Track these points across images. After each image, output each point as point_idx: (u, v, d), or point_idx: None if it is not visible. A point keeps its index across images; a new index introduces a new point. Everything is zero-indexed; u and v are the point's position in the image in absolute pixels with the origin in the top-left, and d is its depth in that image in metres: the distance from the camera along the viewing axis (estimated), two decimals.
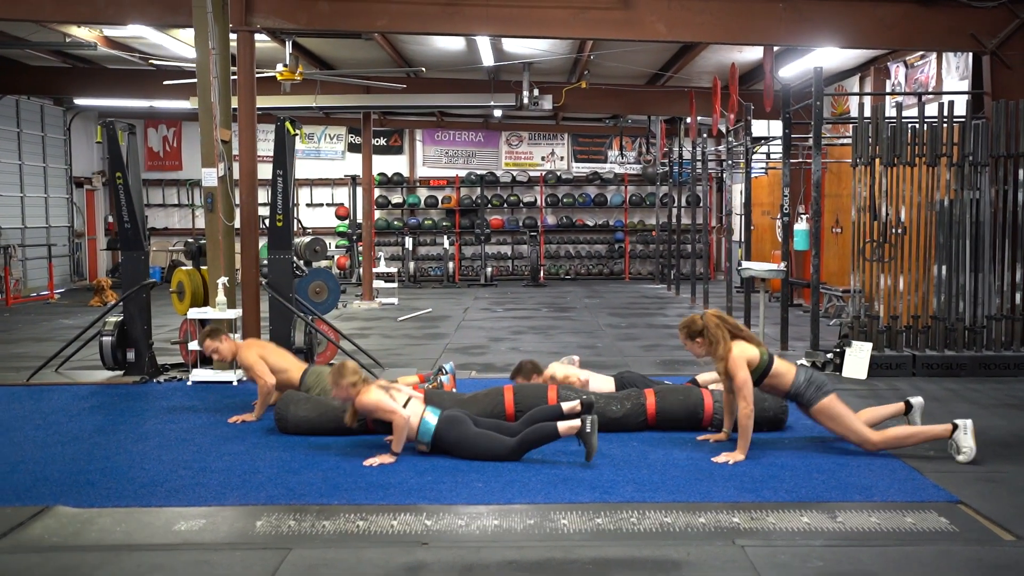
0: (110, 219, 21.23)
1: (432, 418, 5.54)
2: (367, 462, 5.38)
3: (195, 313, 8.09)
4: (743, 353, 5.46)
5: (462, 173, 21.38)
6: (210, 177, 7.96)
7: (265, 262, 8.71)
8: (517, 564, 3.89)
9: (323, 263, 12.84)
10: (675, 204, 17.52)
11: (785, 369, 5.58)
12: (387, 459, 5.42)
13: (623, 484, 4.98)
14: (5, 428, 6.40)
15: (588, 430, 5.32)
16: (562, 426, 5.37)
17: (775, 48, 11.71)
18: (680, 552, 4.01)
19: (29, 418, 6.71)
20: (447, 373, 7.10)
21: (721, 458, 5.41)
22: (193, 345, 8.03)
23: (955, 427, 5.44)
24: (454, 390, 6.87)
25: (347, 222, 19.84)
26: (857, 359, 8.15)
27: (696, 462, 5.41)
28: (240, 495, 4.85)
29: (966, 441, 5.39)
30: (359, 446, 5.78)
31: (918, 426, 5.67)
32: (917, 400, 5.85)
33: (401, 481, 5.05)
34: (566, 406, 5.62)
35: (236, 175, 8.51)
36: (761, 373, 5.53)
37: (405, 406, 5.54)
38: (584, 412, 5.46)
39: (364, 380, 5.59)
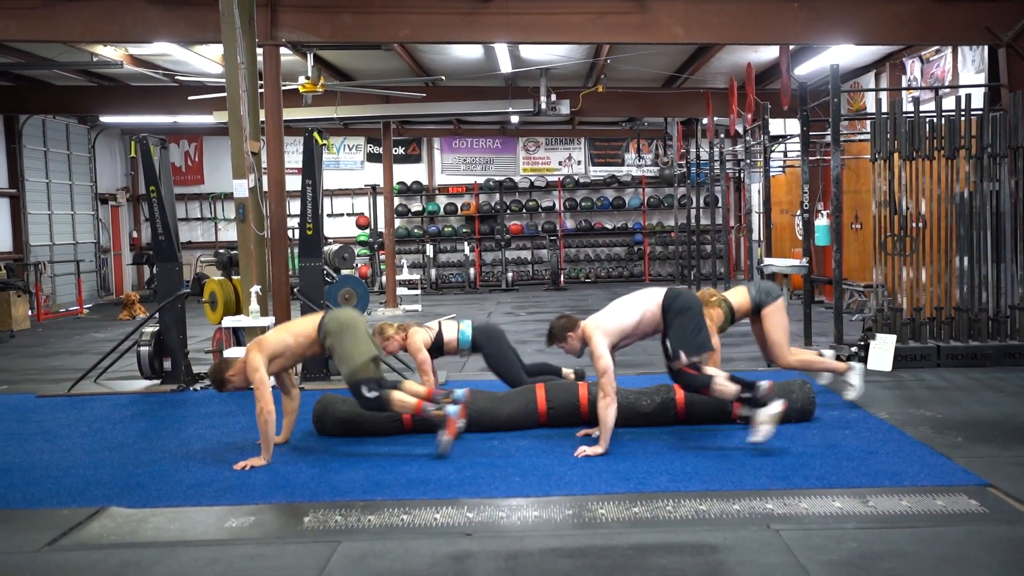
0: (134, 234, 21.59)
1: (467, 327, 7.05)
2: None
3: (229, 321, 8.27)
4: (712, 317, 6.61)
5: (480, 180, 21.57)
6: (241, 188, 8.14)
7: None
8: (559, 551, 4.02)
9: (345, 272, 13.04)
10: (693, 205, 17.62)
11: (741, 297, 6.89)
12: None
13: (657, 475, 5.10)
14: (53, 436, 6.59)
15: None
16: (565, 371, 7.34)
17: (791, 47, 11.81)
18: (717, 537, 4.13)
19: (74, 426, 6.90)
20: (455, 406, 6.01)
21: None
22: (227, 353, 8.21)
23: (850, 369, 6.81)
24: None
25: (368, 231, 20.05)
26: (882, 351, 8.23)
27: (727, 453, 5.53)
28: (286, 493, 5.01)
29: (854, 379, 6.76)
30: (397, 444, 5.95)
31: (824, 358, 7.04)
32: (858, 366, 6.91)
33: (441, 477, 5.19)
34: (564, 370, 7.28)
35: (265, 186, 8.70)
36: (731, 319, 6.90)
37: (440, 330, 7.04)
38: (579, 377, 7.13)
39: (402, 328, 6.98)
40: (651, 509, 4.54)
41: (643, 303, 5.83)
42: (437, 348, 7.05)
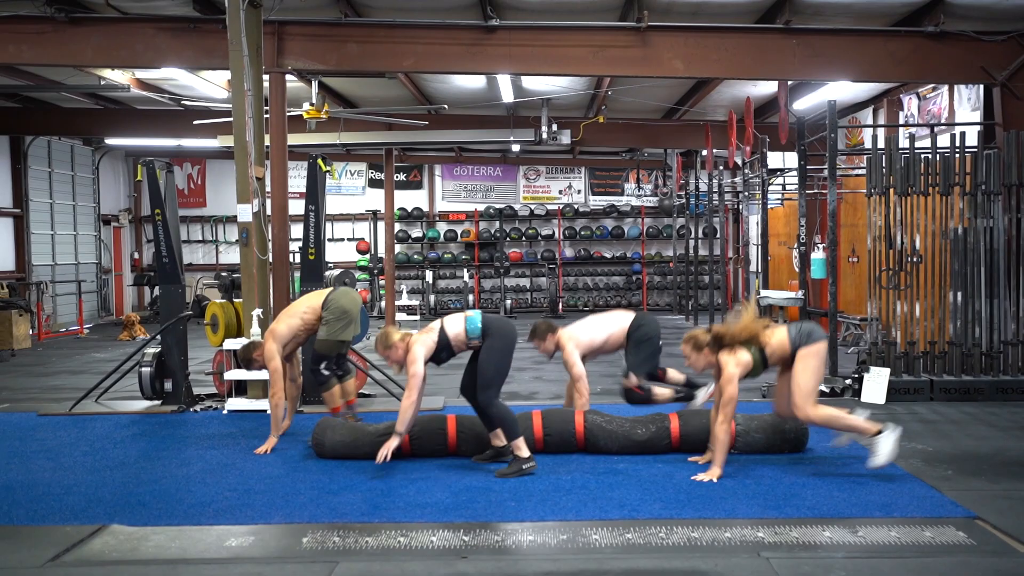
0: (136, 255, 21.70)
1: (475, 316, 6.14)
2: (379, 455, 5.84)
3: (231, 344, 8.35)
4: (739, 362, 5.73)
5: (481, 207, 21.72)
6: (245, 213, 8.27)
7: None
8: (554, 574, 4.09)
9: None
10: (692, 236, 17.76)
11: (778, 340, 5.81)
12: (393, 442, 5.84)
13: (651, 502, 5.18)
14: (55, 454, 6.66)
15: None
16: None
17: (789, 82, 11.99)
18: (708, 563, 4.20)
19: (76, 445, 6.97)
20: None
21: (700, 476, 5.62)
22: (228, 375, 8.29)
23: (880, 431, 5.61)
24: None
25: (368, 256, 20.18)
26: (875, 384, 8.32)
27: (720, 481, 5.59)
28: (284, 514, 5.08)
29: (885, 446, 5.56)
30: (395, 468, 6.01)
31: (852, 416, 5.76)
32: (893, 432, 5.76)
33: (438, 501, 5.26)
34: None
35: (268, 210, 8.82)
36: (763, 362, 5.81)
37: (442, 327, 6.05)
38: None
39: (404, 337, 6.09)
40: (644, 535, 4.61)
41: (611, 326, 7.03)
42: (445, 349, 6.07)
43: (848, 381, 8.59)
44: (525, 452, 5.85)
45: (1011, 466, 5.95)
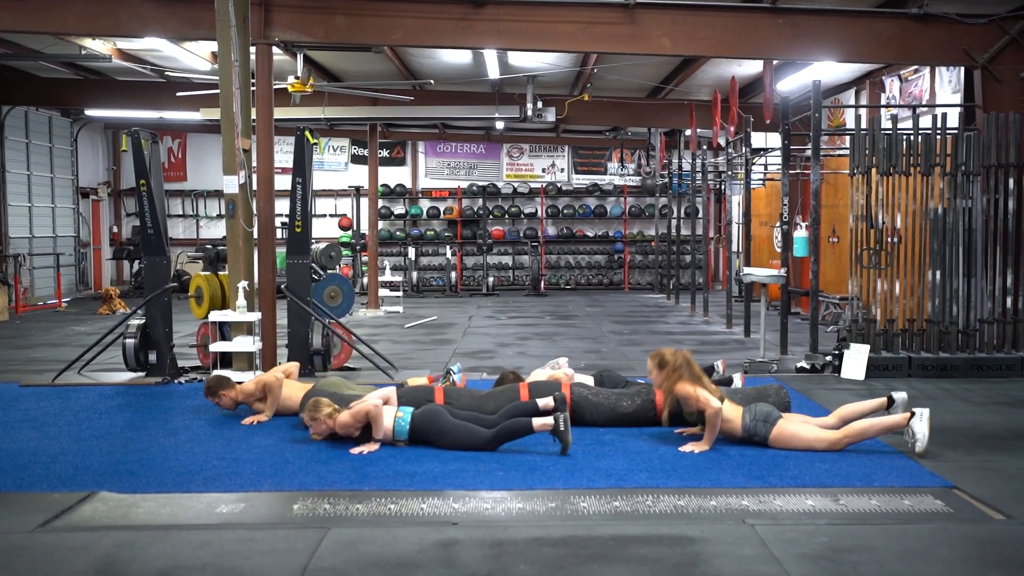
0: (115, 229, 21.53)
1: (404, 416, 5.86)
2: (354, 451, 5.72)
3: (216, 316, 8.35)
4: (703, 393, 5.74)
5: (464, 184, 21.70)
6: (231, 184, 8.23)
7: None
8: (543, 540, 4.16)
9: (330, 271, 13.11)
10: (674, 215, 17.84)
11: (733, 413, 5.80)
12: (372, 446, 5.76)
13: (637, 472, 5.26)
14: (39, 424, 6.65)
15: (562, 428, 5.63)
16: (536, 422, 5.72)
17: (774, 62, 12.04)
18: (695, 530, 4.28)
19: (60, 415, 6.96)
20: (456, 374, 7.35)
21: (687, 447, 5.73)
22: (214, 347, 8.29)
23: (912, 415, 5.62)
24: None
25: (350, 232, 20.13)
26: (855, 361, 8.44)
27: (704, 453, 5.68)
28: (274, 482, 5.12)
29: (921, 428, 5.55)
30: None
31: (876, 418, 5.79)
32: (900, 396, 6.09)
33: (426, 470, 5.31)
34: (541, 402, 6.02)
35: (254, 184, 8.79)
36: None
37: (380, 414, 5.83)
38: (557, 410, 5.84)
39: (336, 408, 5.97)
40: (631, 504, 4.69)
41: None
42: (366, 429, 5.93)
43: (828, 358, 8.71)
44: (549, 421, 5.68)
45: (986, 439, 6.08)
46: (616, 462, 5.47)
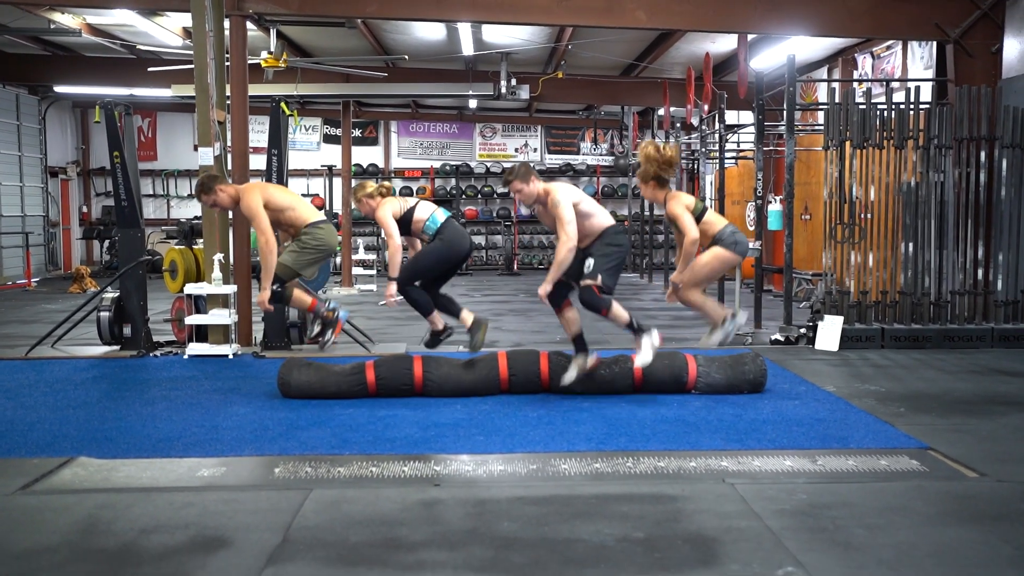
0: (84, 209, 21.25)
1: (440, 216, 6.65)
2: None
3: (192, 288, 8.28)
4: (681, 200, 6.33)
5: (436, 164, 21.64)
6: (207, 156, 8.16)
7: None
8: (525, 499, 4.19)
9: None
10: None
11: (716, 219, 6.48)
12: (391, 287, 6.54)
13: (617, 436, 5.30)
14: (14, 395, 6.58)
15: (477, 331, 6.51)
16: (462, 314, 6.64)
17: (749, 37, 12.10)
18: (675, 489, 4.33)
19: (35, 387, 6.89)
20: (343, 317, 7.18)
21: (675, 276, 6.47)
22: (189, 320, 8.23)
23: (730, 317, 6.51)
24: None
25: (323, 212, 20.00)
26: (829, 332, 8.54)
27: (683, 418, 5.74)
28: (254, 447, 5.11)
29: (715, 337, 6.52)
30: (362, 406, 6.07)
31: (712, 303, 6.72)
32: (742, 316, 6.76)
33: (407, 435, 5.33)
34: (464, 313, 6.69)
35: (228, 161, 8.71)
36: (696, 217, 6.33)
37: (414, 207, 6.63)
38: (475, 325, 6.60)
39: (380, 193, 6.60)
40: (612, 465, 4.73)
41: (597, 210, 6.32)
42: (405, 223, 6.64)
43: (803, 329, 8.80)
44: (440, 325, 6.67)
45: (959, 404, 6.19)
46: (595, 427, 5.51)
